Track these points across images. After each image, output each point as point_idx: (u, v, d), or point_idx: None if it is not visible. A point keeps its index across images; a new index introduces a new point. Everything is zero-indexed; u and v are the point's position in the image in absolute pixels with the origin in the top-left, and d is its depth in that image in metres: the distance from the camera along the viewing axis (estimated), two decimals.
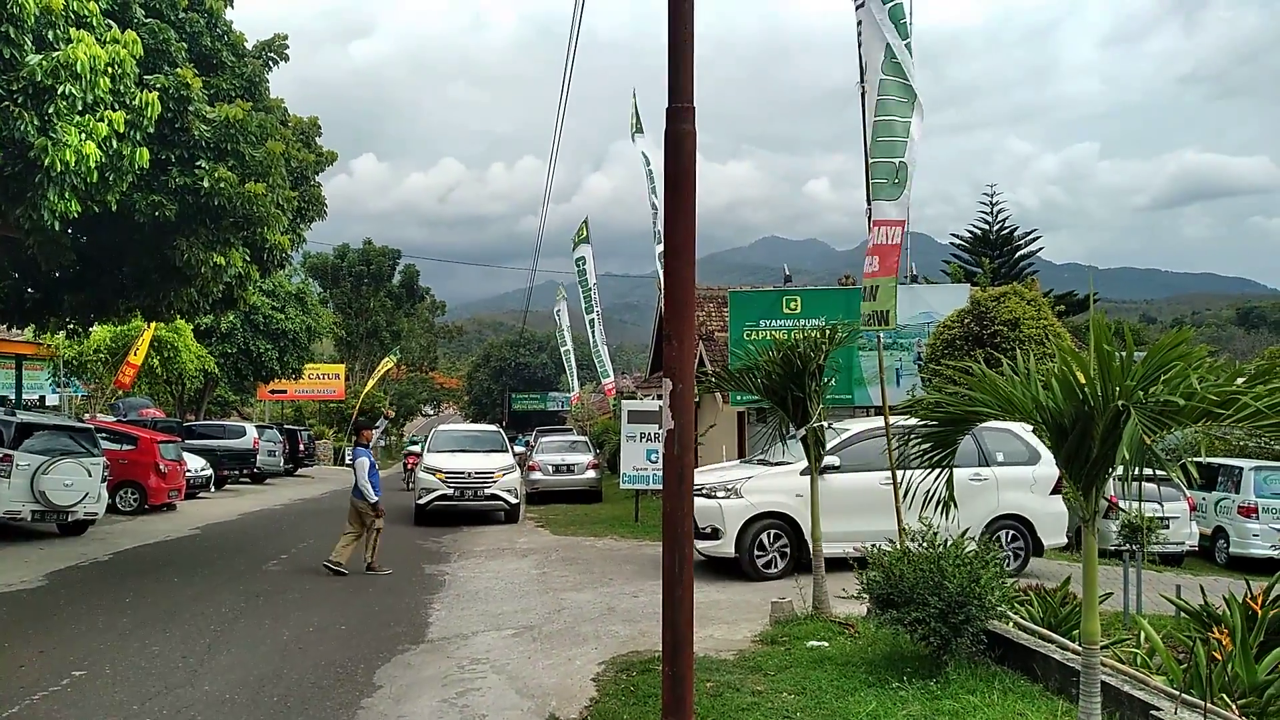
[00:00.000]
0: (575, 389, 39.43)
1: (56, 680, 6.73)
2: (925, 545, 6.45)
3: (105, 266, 13.41)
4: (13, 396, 23.70)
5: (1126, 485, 3.92)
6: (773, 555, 10.74)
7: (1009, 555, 10.35)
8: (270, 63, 13.54)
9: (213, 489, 23.52)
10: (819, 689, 6.11)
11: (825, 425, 8.65)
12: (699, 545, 10.32)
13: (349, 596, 10.25)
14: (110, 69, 9.12)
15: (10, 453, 13.34)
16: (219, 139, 11.09)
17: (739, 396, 12.04)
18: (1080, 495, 4.25)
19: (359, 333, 54.81)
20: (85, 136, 8.92)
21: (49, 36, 8.90)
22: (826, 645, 7.21)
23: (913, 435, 5.08)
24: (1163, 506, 12.51)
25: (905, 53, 8.58)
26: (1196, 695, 4.94)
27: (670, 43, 4.90)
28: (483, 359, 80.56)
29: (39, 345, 22.90)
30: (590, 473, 22.56)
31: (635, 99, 18.76)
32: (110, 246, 12.85)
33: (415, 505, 17.63)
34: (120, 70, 9.27)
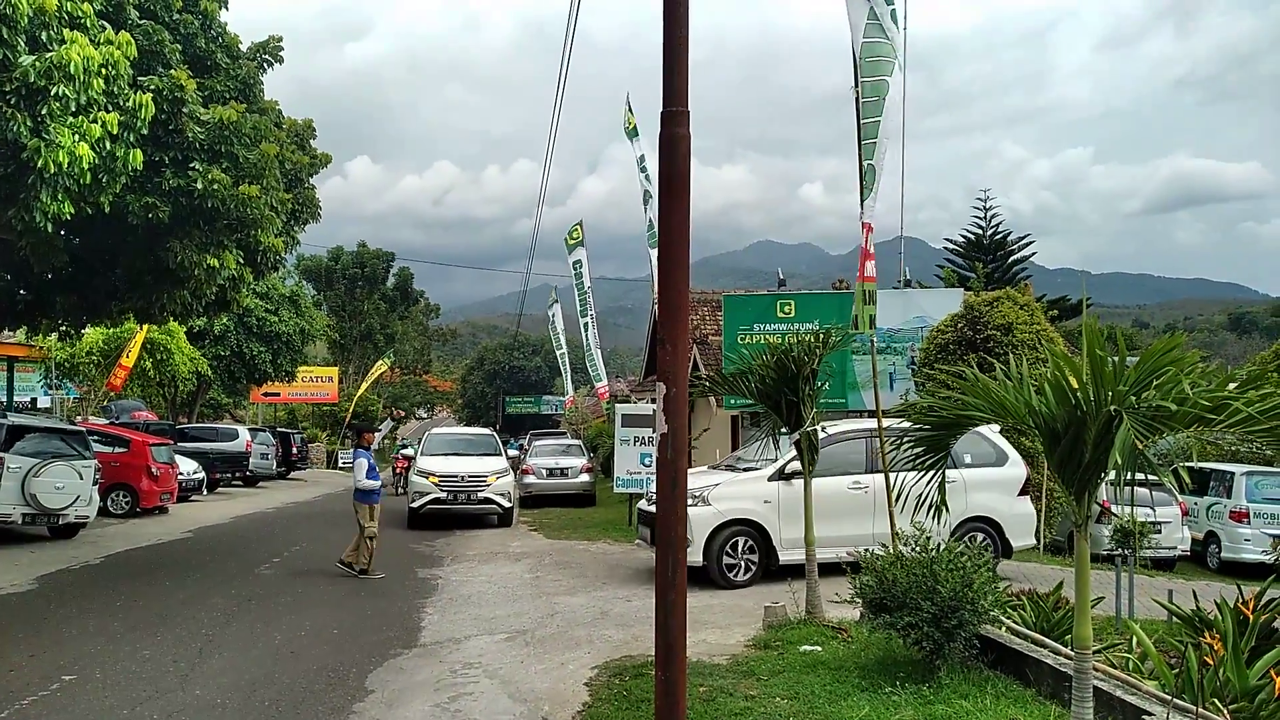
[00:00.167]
0: (569, 392, 39.42)
1: (46, 685, 6.68)
2: (918, 550, 6.46)
3: (98, 268, 13.37)
4: (4, 399, 23.58)
5: (1119, 490, 3.93)
6: (740, 562, 10.50)
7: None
8: (265, 65, 13.56)
9: (205, 492, 23.43)
10: (812, 694, 6.11)
11: (820, 429, 8.65)
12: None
13: (341, 600, 10.22)
14: (104, 70, 9.09)
15: (1, 455, 13.29)
16: (213, 141, 11.06)
17: (733, 400, 12.02)
18: (1073, 500, 4.26)
19: (353, 335, 54.69)
20: (78, 138, 8.89)
21: (42, 37, 8.87)
22: (819, 650, 7.21)
23: (905, 439, 5.09)
24: (1155, 511, 12.53)
25: (892, 42, 8.51)
26: (1188, 700, 4.95)
27: (665, 46, 4.89)
28: (477, 362, 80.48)
29: (31, 347, 22.82)
30: (584, 476, 22.55)
31: (629, 102, 18.76)
32: (103, 248, 12.82)
33: (408, 508, 17.60)
34: (114, 71, 9.24)
